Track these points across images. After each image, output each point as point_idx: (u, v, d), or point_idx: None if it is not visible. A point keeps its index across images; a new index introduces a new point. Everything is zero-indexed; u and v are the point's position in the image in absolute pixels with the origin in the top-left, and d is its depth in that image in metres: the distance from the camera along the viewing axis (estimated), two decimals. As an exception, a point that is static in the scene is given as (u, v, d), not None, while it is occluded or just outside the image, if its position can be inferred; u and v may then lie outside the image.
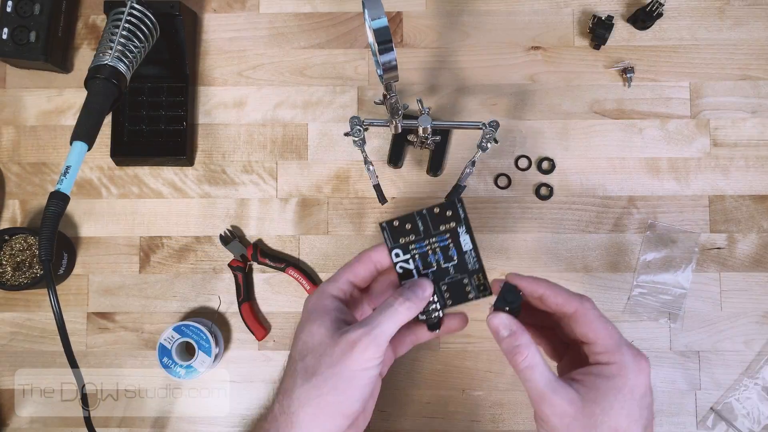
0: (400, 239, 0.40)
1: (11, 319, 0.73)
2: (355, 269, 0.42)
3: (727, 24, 0.74)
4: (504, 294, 0.40)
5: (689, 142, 0.73)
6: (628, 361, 0.37)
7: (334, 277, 0.42)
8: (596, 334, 0.38)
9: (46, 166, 0.75)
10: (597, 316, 0.39)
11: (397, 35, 0.75)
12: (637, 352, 0.38)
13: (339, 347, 0.37)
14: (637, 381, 0.37)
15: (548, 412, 0.37)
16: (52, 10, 0.71)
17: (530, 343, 0.38)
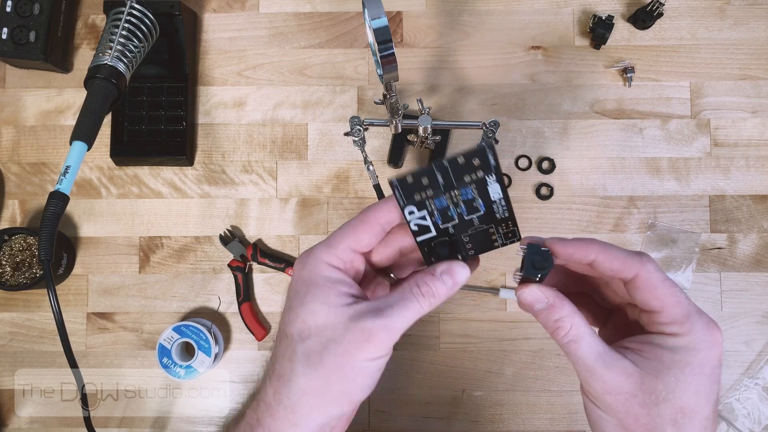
0: (415, 195, 0.34)
1: (11, 319, 0.73)
2: (358, 234, 0.35)
3: (728, 24, 0.74)
4: (532, 259, 0.34)
5: (690, 142, 0.73)
6: (699, 332, 0.32)
7: (330, 242, 0.35)
8: (662, 302, 0.32)
9: (45, 165, 0.75)
10: (662, 279, 0.32)
11: (397, 35, 0.75)
12: (708, 321, 0.32)
13: (350, 335, 0.32)
14: (709, 354, 0.32)
15: (600, 389, 0.32)
16: (52, 9, 0.71)
17: (573, 312, 0.33)
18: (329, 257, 0.34)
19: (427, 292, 0.34)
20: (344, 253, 0.35)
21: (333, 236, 0.35)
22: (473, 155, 0.33)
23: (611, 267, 0.33)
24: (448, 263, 0.35)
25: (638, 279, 0.33)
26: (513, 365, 0.71)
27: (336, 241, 0.35)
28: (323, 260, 0.34)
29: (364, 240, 0.35)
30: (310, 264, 0.34)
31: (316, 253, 0.35)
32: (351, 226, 0.35)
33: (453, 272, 0.34)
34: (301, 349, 0.33)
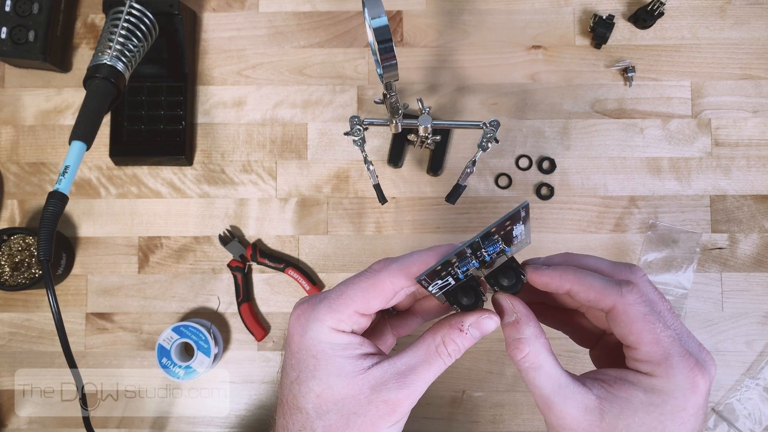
0: (442, 273, 0.31)
1: (10, 319, 0.73)
2: (368, 300, 0.31)
3: (729, 23, 0.74)
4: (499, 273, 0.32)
5: (690, 142, 0.72)
6: (678, 376, 0.28)
7: (334, 304, 0.31)
8: (638, 338, 0.29)
9: (44, 165, 0.75)
10: (641, 313, 0.29)
11: (397, 34, 0.75)
12: (692, 365, 0.29)
13: (374, 408, 0.30)
14: (685, 402, 0.28)
15: (555, 422, 0.30)
16: (51, 9, 0.70)
17: (536, 336, 0.31)
18: (334, 322, 0.31)
19: (454, 350, 0.31)
20: (350, 318, 0.31)
21: (338, 296, 0.31)
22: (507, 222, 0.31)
23: (587, 298, 0.31)
24: (476, 315, 0.32)
25: (615, 311, 0.30)
26: (513, 366, 0.70)
27: (341, 305, 0.31)
28: (327, 325, 0.31)
29: (374, 306, 0.32)
30: (312, 330, 0.31)
31: (318, 315, 0.31)
32: (360, 288, 0.31)
33: (481, 325, 0.32)
34: (320, 426, 0.30)
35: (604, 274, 0.31)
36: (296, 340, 0.31)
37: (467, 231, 0.72)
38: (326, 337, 0.31)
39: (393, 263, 0.32)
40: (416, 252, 0.32)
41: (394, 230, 0.73)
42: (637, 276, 0.31)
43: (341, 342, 0.31)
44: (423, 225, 0.73)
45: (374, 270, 0.32)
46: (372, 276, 0.32)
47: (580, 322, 0.36)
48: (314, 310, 0.31)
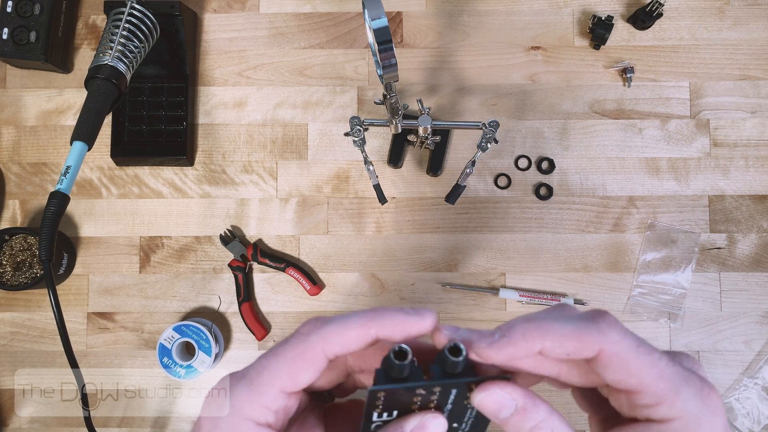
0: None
1: (11, 319, 0.73)
2: (297, 372, 0.25)
3: (727, 24, 0.74)
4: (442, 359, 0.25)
5: (689, 142, 0.73)
6: (695, 407, 0.24)
7: (255, 383, 0.25)
8: (640, 378, 0.24)
9: (46, 166, 0.75)
10: (634, 348, 0.24)
11: (397, 35, 0.75)
12: (700, 387, 0.24)
13: None
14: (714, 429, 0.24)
15: None
16: (53, 10, 0.71)
17: (550, 414, 0.25)
18: (253, 409, 0.24)
19: None
20: (275, 401, 0.25)
21: (259, 373, 0.25)
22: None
23: (565, 351, 0.24)
24: (419, 417, 0.25)
25: (603, 355, 0.24)
26: None
27: (264, 383, 0.24)
28: (244, 416, 0.24)
29: (304, 380, 0.25)
30: (226, 425, 0.24)
31: (234, 402, 0.24)
32: (286, 359, 0.25)
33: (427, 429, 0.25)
34: None
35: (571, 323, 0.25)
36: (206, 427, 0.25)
37: (467, 231, 0.73)
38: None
39: (326, 325, 0.25)
40: (354, 313, 0.25)
41: (394, 230, 0.73)
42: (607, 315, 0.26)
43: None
44: (423, 225, 0.73)
45: (302, 334, 0.25)
46: (300, 342, 0.25)
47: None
48: (232, 395, 0.25)
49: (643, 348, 0.24)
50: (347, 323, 0.25)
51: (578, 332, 0.24)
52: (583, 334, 0.24)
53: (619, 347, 0.24)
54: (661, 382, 0.24)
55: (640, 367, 0.24)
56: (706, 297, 0.71)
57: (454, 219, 0.73)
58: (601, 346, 0.24)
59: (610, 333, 0.24)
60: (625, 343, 0.24)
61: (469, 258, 0.73)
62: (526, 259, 0.72)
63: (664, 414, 0.24)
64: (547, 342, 0.24)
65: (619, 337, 0.24)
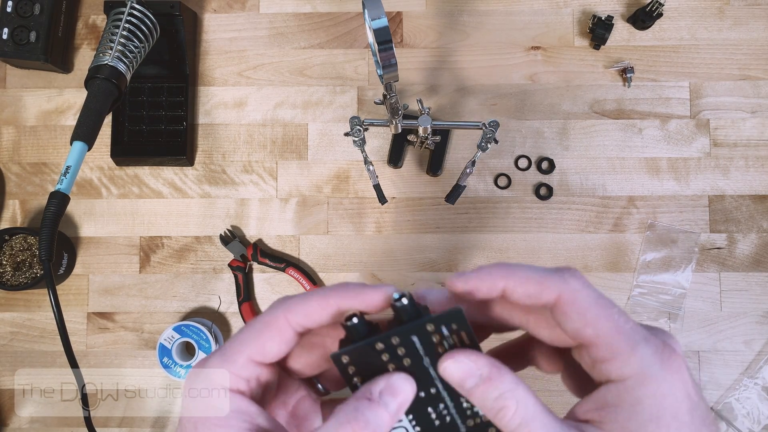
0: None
1: (11, 319, 0.73)
2: (262, 341, 0.26)
3: (727, 24, 0.74)
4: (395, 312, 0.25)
5: (689, 142, 0.73)
6: (652, 366, 0.23)
7: (226, 352, 0.26)
8: (596, 328, 0.24)
9: (46, 166, 0.75)
10: (593, 298, 0.24)
11: (397, 35, 0.75)
12: (661, 347, 0.23)
13: None
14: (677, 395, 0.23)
15: None
16: (53, 10, 0.71)
17: (516, 385, 0.24)
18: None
19: (366, 427, 0.23)
20: (245, 368, 0.26)
21: (230, 343, 0.26)
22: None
23: (526, 292, 0.25)
24: (386, 377, 0.25)
25: (561, 302, 0.24)
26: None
27: (233, 352, 0.26)
28: (218, 384, 0.25)
29: (271, 349, 0.26)
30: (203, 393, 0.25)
31: (208, 373, 0.26)
32: (253, 329, 0.26)
33: (395, 388, 0.25)
34: None
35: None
36: (184, 404, 0.26)
37: (467, 231, 0.73)
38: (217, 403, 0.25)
39: (291, 298, 0.27)
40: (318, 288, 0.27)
41: (394, 230, 0.73)
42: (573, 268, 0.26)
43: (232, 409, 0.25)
44: (423, 225, 0.73)
45: (269, 308, 0.27)
46: (267, 315, 0.26)
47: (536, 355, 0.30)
48: (204, 365, 0.26)
49: (603, 301, 0.24)
50: (309, 295, 0.26)
51: (540, 277, 0.25)
52: (544, 279, 0.25)
53: (578, 295, 0.24)
54: (617, 335, 0.23)
55: (597, 317, 0.24)
56: (706, 297, 0.71)
57: (454, 219, 0.73)
58: (560, 293, 0.24)
59: (570, 281, 0.24)
60: (584, 293, 0.24)
61: (469, 258, 0.73)
62: (526, 259, 0.72)
63: (620, 370, 0.23)
64: (510, 281, 0.25)
65: (580, 286, 0.24)
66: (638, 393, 0.23)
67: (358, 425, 0.23)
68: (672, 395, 0.23)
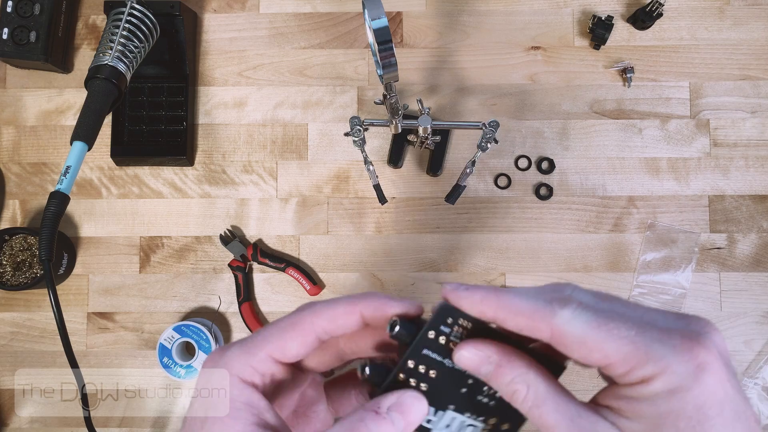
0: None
1: (11, 319, 0.73)
2: (285, 341, 0.27)
3: (727, 24, 0.74)
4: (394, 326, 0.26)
5: (689, 142, 0.73)
6: (675, 364, 0.22)
7: (248, 345, 0.27)
8: (602, 352, 0.23)
9: (46, 166, 0.75)
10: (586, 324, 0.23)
11: (397, 35, 0.75)
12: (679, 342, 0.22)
13: None
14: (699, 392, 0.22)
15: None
16: (53, 10, 0.71)
17: (526, 370, 0.25)
18: (242, 368, 0.26)
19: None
20: (263, 363, 0.26)
21: (253, 337, 0.27)
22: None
23: (518, 327, 0.25)
24: (397, 394, 0.26)
25: (557, 336, 0.24)
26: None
27: (254, 346, 0.26)
28: (234, 372, 0.26)
29: (291, 350, 0.27)
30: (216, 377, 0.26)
31: (227, 360, 0.26)
32: (278, 328, 0.27)
33: (405, 407, 0.25)
34: None
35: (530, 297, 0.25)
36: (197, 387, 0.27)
37: (467, 231, 0.73)
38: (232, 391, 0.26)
39: (317, 304, 0.28)
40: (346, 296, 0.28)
41: (394, 230, 0.73)
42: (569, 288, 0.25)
43: (240, 401, 0.25)
44: (423, 225, 0.73)
45: (296, 311, 0.28)
46: (293, 316, 0.27)
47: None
48: (224, 354, 0.27)
49: (599, 320, 0.23)
50: (336, 301, 0.27)
51: (531, 311, 0.24)
52: (535, 314, 0.24)
53: (571, 327, 0.23)
54: (625, 349, 0.23)
55: (598, 342, 0.23)
56: (706, 297, 0.71)
57: (454, 219, 0.73)
58: (552, 327, 0.24)
59: (561, 313, 0.24)
60: (577, 323, 0.23)
61: (469, 258, 0.73)
62: (526, 259, 0.72)
63: (640, 376, 0.23)
64: (501, 314, 0.25)
65: (571, 316, 0.23)
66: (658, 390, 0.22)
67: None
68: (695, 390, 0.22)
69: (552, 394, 0.25)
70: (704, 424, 0.22)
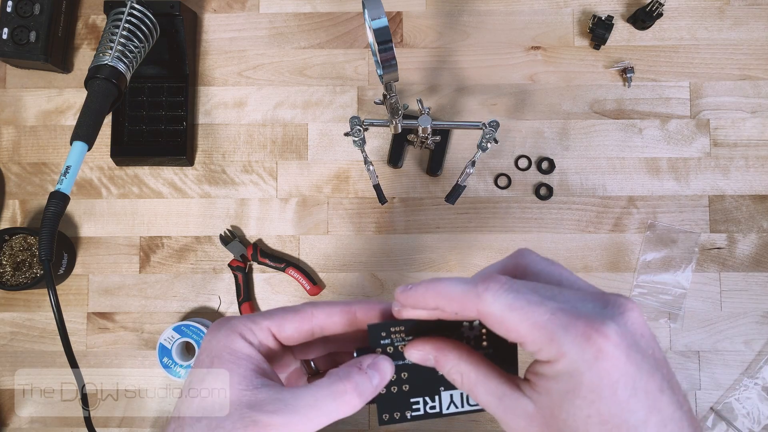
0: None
1: (11, 319, 0.73)
2: (285, 321, 0.31)
3: (727, 24, 0.74)
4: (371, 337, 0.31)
5: (689, 142, 0.73)
6: (572, 351, 0.25)
7: (252, 317, 0.31)
8: (518, 332, 0.26)
9: (46, 166, 0.75)
10: (506, 307, 0.27)
11: (397, 35, 0.75)
12: (581, 331, 0.25)
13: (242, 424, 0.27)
14: (594, 374, 0.25)
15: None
16: (52, 10, 0.71)
17: (458, 360, 0.30)
18: (244, 329, 0.30)
19: (351, 388, 0.29)
20: (262, 332, 0.31)
21: (259, 312, 0.32)
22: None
23: (453, 310, 0.28)
24: (373, 356, 0.31)
25: (483, 317, 0.27)
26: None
27: (259, 318, 0.31)
28: (236, 330, 0.30)
29: (288, 331, 0.31)
30: (221, 333, 0.30)
31: (232, 322, 0.31)
32: (282, 310, 0.32)
33: (379, 367, 0.30)
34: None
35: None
36: (203, 345, 0.31)
37: (467, 231, 0.73)
38: (230, 342, 0.30)
39: (319, 302, 0.32)
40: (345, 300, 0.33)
41: (394, 230, 0.73)
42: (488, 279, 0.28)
43: (242, 351, 0.30)
44: (423, 225, 0.73)
45: (298, 305, 0.32)
46: (295, 306, 0.32)
47: None
48: (231, 318, 0.31)
49: (518, 303, 0.26)
50: (335, 302, 0.32)
51: (461, 296, 0.28)
52: (463, 298, 0.28)
53: (493, 308, 0.27)
54: (537, 332, 0.26)
55: (515, 323, 0.26)
56: (706, 297, 0.71)
57: (454, 219, 0.73)
58: (477, 309, 0.27)
59: (485, 295, 0.27)
60: (497, 305, 0.27)
61: (469, 258, 0.73)
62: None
63: (546, 356, 0.26)
64: (440, 300, 0.29)
65: (493, 298, 0.27)
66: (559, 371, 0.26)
67: (350, 384, 0.29)
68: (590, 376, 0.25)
69: (482, 378, 0.29)
70: (597, 403, 0.25)
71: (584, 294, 0.28)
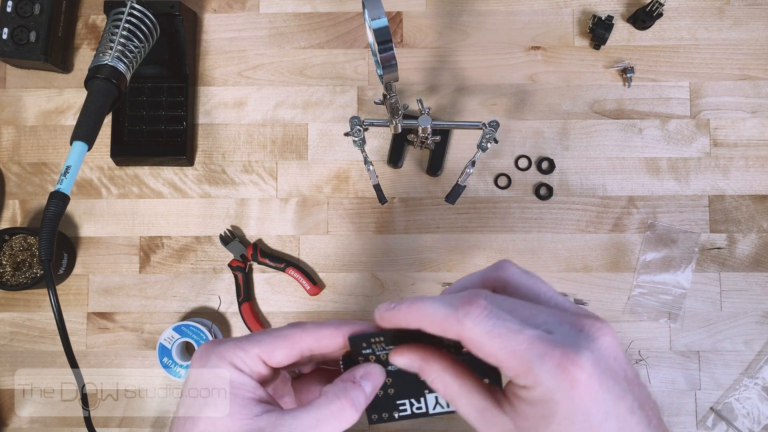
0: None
1: (11, 319, 0.73)
2: (274, 348, 0.31)
3: (727, 24, 0.74)
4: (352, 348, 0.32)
5: (689, 142, 0.73)
6: (549, 381, 0.26)
7: (241, 342, 0.31)
8: (496, 358, 0.27)
9: (46, 166, 0.75)
10: (486, 332, 0.27)
11: (397, 35, 0.75)
12: (557, 362, 0.26)
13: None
14: (569, 402, 0.26)
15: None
16: (52, 10, 0.71)
17: (442, 372, 0.30)
18: (234, 357, 0.30)
19: (348, 405, 0.30)
20: (252, 359, 0.31)
21: (246, 337, 0.31)
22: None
23: (434, 331, 0.29)
24: (364, 366, 0.32)
25: (463, 340, 0.28)
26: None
27: (247, 344, 0.31)
28: (227, 359, 0.30)
29: (277, 357, 0.31)
30: (212, 362, 0.30)
31: (221, 350, 0.30)
32: (270, 336, 0.31)
33: (371, 376, 0.31)
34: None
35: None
36: (194, 373, 0.31)
37: (467, 231, 0.73)
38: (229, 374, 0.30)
39: (308, 323, 0.32)
40: (333, 319, 0.33)
41: (394, 230, 0.73)
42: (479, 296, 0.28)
43: (236, 381, 0.30)
44: (423, 225, 0.73)
45: (288, 326, 0.32)
46: (284, 329, 0.32)
47: None
48: (218, 345, 0.31)
49: (497, 330, 0.27)
50: (324, 324, 0.32)
51: (443, 318, 0.28)
52: (444, 322, 0.28)
53: (473, 333, 0.27)
54: (514, 360, 0.27)
55: (494, 350, 0.27)
56: (706, 297, 0.71)
57: (454, 219, 0.73)
58: (458, 333, 0.28)
59: (465, 321, 0.27)
60: (477, 330, 0.27)
61: (469, 258, 0.73)
62: (526, 259, 0.72)
63: (523, 383, 0.27)
64: (420, 323, 0.29)
65: (473, 323, 0.27)
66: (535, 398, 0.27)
67: (347, 400, 0.30)
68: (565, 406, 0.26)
69: (465, 391, 0.30)
70: (571, 428, 0.26)
71: (561, 315, 0.28)
